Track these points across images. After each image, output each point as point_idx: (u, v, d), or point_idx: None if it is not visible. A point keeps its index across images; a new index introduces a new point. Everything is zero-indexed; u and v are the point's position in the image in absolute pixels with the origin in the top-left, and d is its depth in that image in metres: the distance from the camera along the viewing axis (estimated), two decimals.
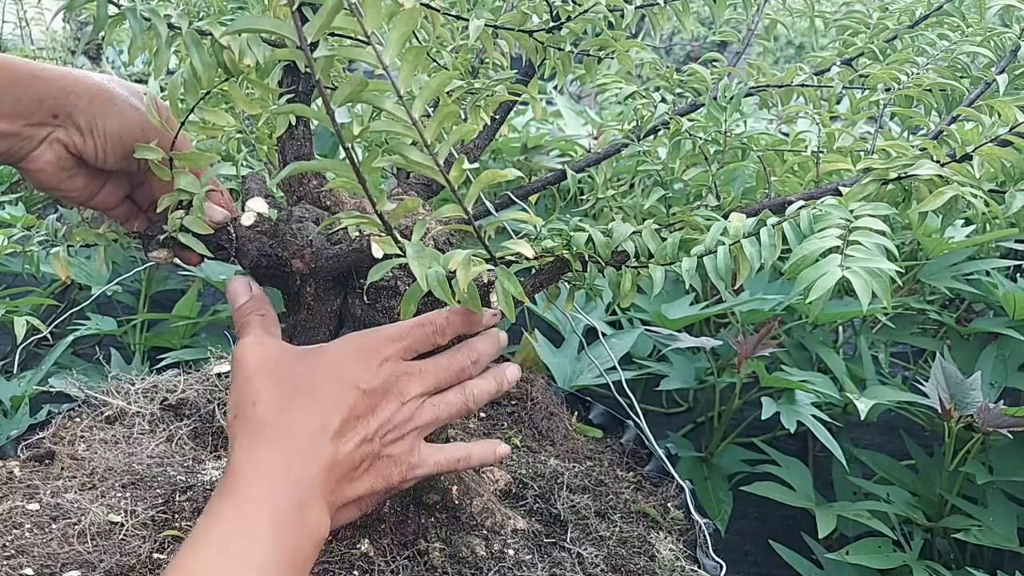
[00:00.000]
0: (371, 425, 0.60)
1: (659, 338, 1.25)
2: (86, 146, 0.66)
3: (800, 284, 0.53)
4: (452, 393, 0.65)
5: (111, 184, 0.71)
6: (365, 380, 0.60)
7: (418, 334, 0.64)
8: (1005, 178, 0.67)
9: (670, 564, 0.76)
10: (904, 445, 1.21)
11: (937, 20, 0.91)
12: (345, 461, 0.59)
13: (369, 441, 0.60)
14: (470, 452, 0.68)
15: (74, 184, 0.68)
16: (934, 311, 1.28)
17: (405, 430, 0.62)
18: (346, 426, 0.59)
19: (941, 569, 1.01)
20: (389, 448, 0.62)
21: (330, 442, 0.58)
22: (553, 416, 1.01)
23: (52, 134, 0.65)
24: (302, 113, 0.55)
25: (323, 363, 0.62)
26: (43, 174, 0.66)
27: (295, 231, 0.70)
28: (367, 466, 0.61)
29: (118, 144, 0.66)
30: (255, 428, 0.58)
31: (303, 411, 0.59)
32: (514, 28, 0.78)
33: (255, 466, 0.57)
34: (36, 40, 2.33)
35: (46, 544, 0.72)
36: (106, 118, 0.65)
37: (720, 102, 0.85)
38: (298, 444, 0.57)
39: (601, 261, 0.66)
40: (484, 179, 0.55)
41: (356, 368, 0.61)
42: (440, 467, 0.66)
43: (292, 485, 0.56)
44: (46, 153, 0.65)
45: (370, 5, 0.46)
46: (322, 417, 0.59)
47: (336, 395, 0.59)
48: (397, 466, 0.62)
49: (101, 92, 0.65)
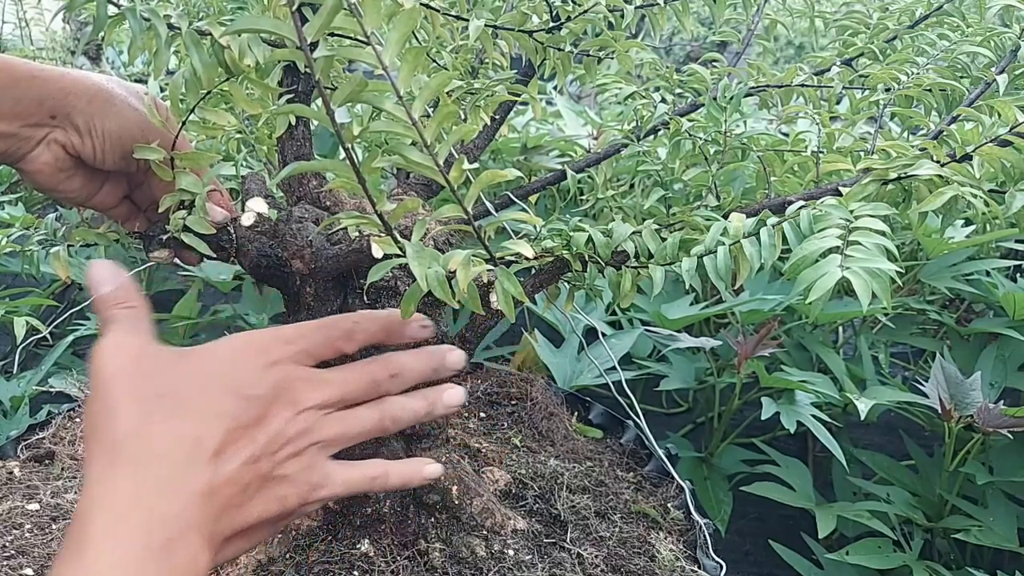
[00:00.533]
0: (259, 439, 0.51)
1: (659, 338, 1.25)
2: (84, 147, 0.65)
3: (800, 284, 0.53)
4: (364, 408, 0.57)
5: (109, 184, 0.71)
6: (250, 385, 0.51)
7: (318, 337, 0.56)
8: (1005, 178, 0.67)
9: (670, 564, 0.76)
10: (904, 445, 1.21)
11: (937, 20, 0.91)
12: (228, 484, 0.49)
13: (256, 459, 0.50)
14: (387, 470, 0.59)
15: (72, 185, 0.68)
16: (934, 311, 1.28)
17: (301, 444, 0.53)
18: (228, 441, 0.49)
19: (941, 569, 1.01)
20: (283, 466, 0.52)
21: (208, 462, 0.48)
22: (553, 416, 1.01)
23: (50, 135, 0.65)
24: (302, 113, 0.55)
25: (197, 367, 0.52)
26: (41, 175, 0.66)
27: (295, 231, 0.70)
28: (256, 488, 0.51)
29: (117, 144, 0.66)
30: (111, 450, 0.48)
31: (171, 425, 0.49)
32: (514, 28, 0.78)
33: (110, 498, 0.46)
34: (36, 40, 2.33)
35: (46, 544, 0.72)
36: (105, 118, 0.65)
37: (720, 102, 0.85)
38: (164, 467, 0.47)
39: (601, 261, 0.66)
40: (484, 179, 0.55)
41: (238, 371, 0.52)
42: (350, 486, 0.56)
43: (155, 520, 0.46)
44: (44, 154, 0.65)
45: (370, 5, 0.46)
46: (196, 431, 0.49)
47: (213, 404, 0.50)
48: (294, 487, 0.52)
49: (100, 92, 0.65)
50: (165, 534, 0.46)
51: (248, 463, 0.50)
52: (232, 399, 0.51)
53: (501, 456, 0.92)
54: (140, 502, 0.46)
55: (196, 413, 0.50)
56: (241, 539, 0.52)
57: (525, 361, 1.24)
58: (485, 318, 0.75)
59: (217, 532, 0.49)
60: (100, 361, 0.51)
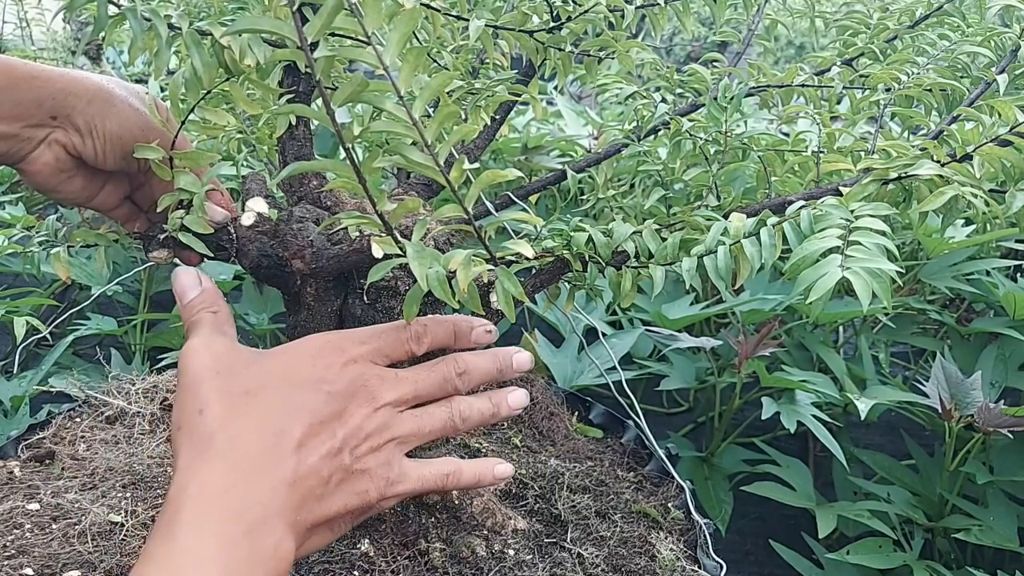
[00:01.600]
0: (339, 433, 0.53)
1: (659, 338, 1.25)
2: (85, 147, 0.65)
3: (800, 284, 0.53)
4: (436, 406, 0.59)
5: (110, 185, 0.71)
6: (329, 381, 0.54)
7: (389, 338, 0.58)
8: (1005, 178, 0.67)
9: (670, 564, 0.76)
10: (904, 445, 1.21)
11: (937, 20, 0.91)
12: (311, 475, 0.51)
13: (338, 452, 0.53)
14: (460, 468, 0.61)
15: (73, 186, 0.68)
16: (934, 311, 1.28)
17: (380, 440, 0.55)
18: (310, 434, 0.52)
19: (942, 569, 1.01)
20: (363, 460, 0.54)
21: (291, 453, 0.51)
22: (553, 416, 1.01)
23: (51, 135, 0.65)
24: (302, 113, 0.55)
25: (279, 365, 0.55)
26: (41, 175, 0.66)
27: (295, 231, 0.70)
28: (338, 481, 0.53)
29: (117, 144, 0.66)
30: (201, 442, 0.51)
31: (256, 419, 0.52)
32: (514, 28, 0.78)
33: (199, 486, 0.49)
34: (36, 40, 2.33)
35: (46, 544, 0.72)
36: (105, 119, 0.65)
37: (720, 102, 0.85)
38: (250, 458, 0.50)
39: (601, 261, 0.66)
40: (484, 179, 0.55)
41: (318, 368, 0.54)
42: (425, 483, 0.58)
43: (242, 507, 0.49)
44: (45, 154, 0.65)
45: (370, 5, 0.46)
46: (279, 424, 0.52)
47: (295, 399, 0.53)
48: (373, 481, 0.55)
49: (100, 93, 0.65)
50: (251, 519, 0.48)
51: (329, 456, 0.52)
52: (313, 394, 0.53)
53: (501, 456, 0.92)
54: (228, 490, 0.49)
55: (279, 408, 0.52)
56: (325, 530, 0.55)
57: None
58: (485, 318, 0.75)
59: (300, 521, 0.51)
60: (189, 360, 0.55)
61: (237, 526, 0.48)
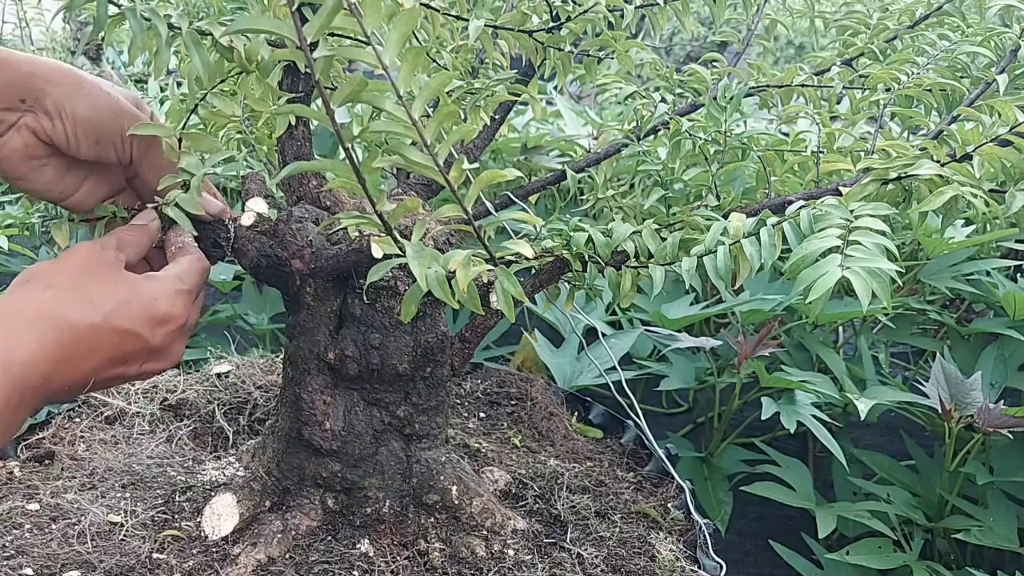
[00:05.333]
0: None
1: (659, 338, 1.25)
2: (56, 131, 0.64)
3: (800, 284, 0.53)
4: None
5: (90, 184, 0.69)
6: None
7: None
8: (1005, 178, 0.67)
9: (670, 564, 0.76)
10: (904, 445, 1.21)
11: (937, 20, 0.91)
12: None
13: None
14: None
15: (44, 176, 0.66)
16: (934, 311, 1.28)
17: None
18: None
19: (941, 569, 1.01)
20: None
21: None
22: (553, 416, 1.01)
23: (21, 119, 0.63)
24: (302, 113, 0.55)
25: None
26: (10, 161, 0.64)
27: (295, 231, 0.70)
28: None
29: (89, 129, 0.64)
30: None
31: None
32: (514, 28, 0.78)
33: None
34: (36, 40, 2.33)
35: (46, 544, 0.72)
36: (75, 101, 0.63)
37: (720, 102, 0.85)
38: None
39: (601, 261, 0.66)
40: (484, 179, 0.55)
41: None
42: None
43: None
44: (14, 139, 0.63)
45: (370, 5, 0.46)
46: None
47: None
48: None
49: (70, 76, 0.64)
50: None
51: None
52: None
53: (501, 456, 0.92)
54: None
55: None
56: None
57: (525, 361, 1.24)
58: (485, 318, 0.75)
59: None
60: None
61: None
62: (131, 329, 0.61)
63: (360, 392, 0.76)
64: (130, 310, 0.61)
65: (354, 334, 0.73)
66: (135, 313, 0.62)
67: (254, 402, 0.97)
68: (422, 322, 0.75)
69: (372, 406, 0.76)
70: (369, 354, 0.73)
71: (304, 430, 0.75)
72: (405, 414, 0.77)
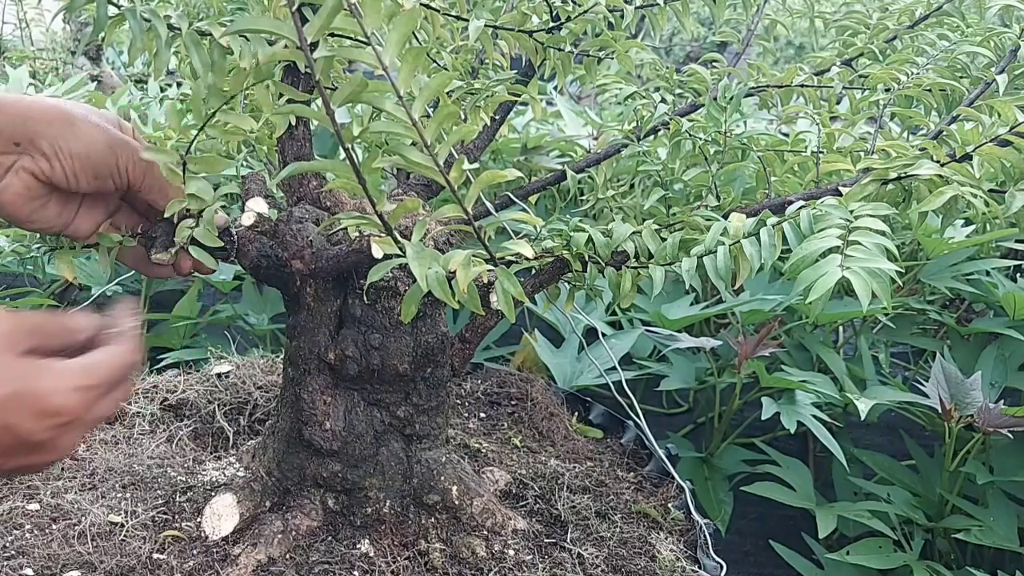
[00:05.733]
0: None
1: (659, 338, 1.25)
2: (54, 171, 0.64)
3: (800, 284, 0.53)
4: None
5: (85, 210, 0.69)
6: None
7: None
8: (1005, 178, 0.67)
9: (670, 564, 0.76)
10: (904, 445, 1.21)
11: (937, 20, 0.91)
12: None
13: None
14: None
15: (47, 212, 0.66)
16: (934, 311, 1.28)
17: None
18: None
19: (942, 569, 1.01)
20: None
21: None
22: (553, 416, 1.01)
23: (17, 162, 0.63)
24: (302, 113, 0.55)
25: None
26: (13, 205, 0.64)
27: (295, 232, 0.70)
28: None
29: (87, 165, 0.64)
30: None
31: None
32: (514, 28, 0.78)
33: None
34: (36, 41, 2.34)
35: (46, 545, 0.72)
36: (69, 140, 0.63)
37: (720, 102, 0.85)
38: None
39: (601, 261, 0.66)
40: (484, 179, 0.55)
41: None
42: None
43: None
44: (14, 183, 0.63)
45: (370, 6, 0.46)
46: None
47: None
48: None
49: (60, 115, 0.63)
50: None
51: None
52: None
53: (501, 456, 0.92)
54: None
55: None
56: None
57: (525, 361, 1.24)
58: (485, 318, 0.75)
59: None
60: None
61: None
62: (9, 423, 0.54)
63: (360, 392, 0.76)
64: (15, 403, 0.55)
65: (354, 334, 0.74)
66: (20, 406, 0.55)
67: (254, 402, 0.97)
68: (422, 322, 0.75)
69: (372, 406, 0.76)
70: (369, 354, 0.73)
71: (304, 430, 0.75)
72: (405, 414, 0.77)
